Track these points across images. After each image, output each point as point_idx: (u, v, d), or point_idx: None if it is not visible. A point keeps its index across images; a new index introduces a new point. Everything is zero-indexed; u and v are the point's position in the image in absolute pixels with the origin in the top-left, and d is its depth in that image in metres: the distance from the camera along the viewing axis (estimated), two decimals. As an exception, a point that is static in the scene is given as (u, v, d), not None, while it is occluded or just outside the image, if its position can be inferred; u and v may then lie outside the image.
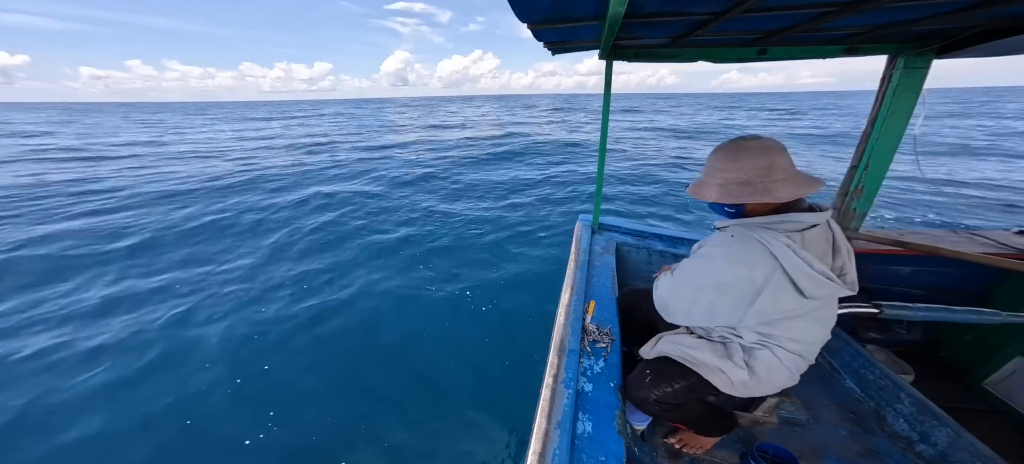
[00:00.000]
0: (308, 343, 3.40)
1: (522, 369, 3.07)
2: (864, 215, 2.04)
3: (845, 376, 1.78)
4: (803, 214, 0.98)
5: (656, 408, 1.22)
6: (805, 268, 0.93)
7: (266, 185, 9.05)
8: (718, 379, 1.14)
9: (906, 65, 1.75)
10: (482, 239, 5.67)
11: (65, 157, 13.50)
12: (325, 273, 4.66)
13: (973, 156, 11.52)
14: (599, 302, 1.68)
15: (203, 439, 2.51)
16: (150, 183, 9.23)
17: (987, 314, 1.39)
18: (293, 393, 2.85)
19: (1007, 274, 1.89)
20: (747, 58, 1.90)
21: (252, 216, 6.74)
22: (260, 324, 3.66)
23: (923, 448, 1.40)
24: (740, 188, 1.00)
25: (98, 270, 4.82)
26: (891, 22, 1.46)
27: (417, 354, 3.28)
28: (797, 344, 1.07)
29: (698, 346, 1.18)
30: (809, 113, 33.08)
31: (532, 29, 1.42)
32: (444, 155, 13.04)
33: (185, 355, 3.26)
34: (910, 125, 1.84)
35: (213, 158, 13.13)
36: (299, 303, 4.00)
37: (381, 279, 4.48)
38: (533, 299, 4.02)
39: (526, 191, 8.43)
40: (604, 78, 2.09)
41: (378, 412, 2.67)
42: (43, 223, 6.41)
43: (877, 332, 2.20)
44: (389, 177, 9.83)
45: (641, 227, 2.54)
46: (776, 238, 0.95)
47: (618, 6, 1.04)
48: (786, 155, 1.00)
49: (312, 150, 15.19)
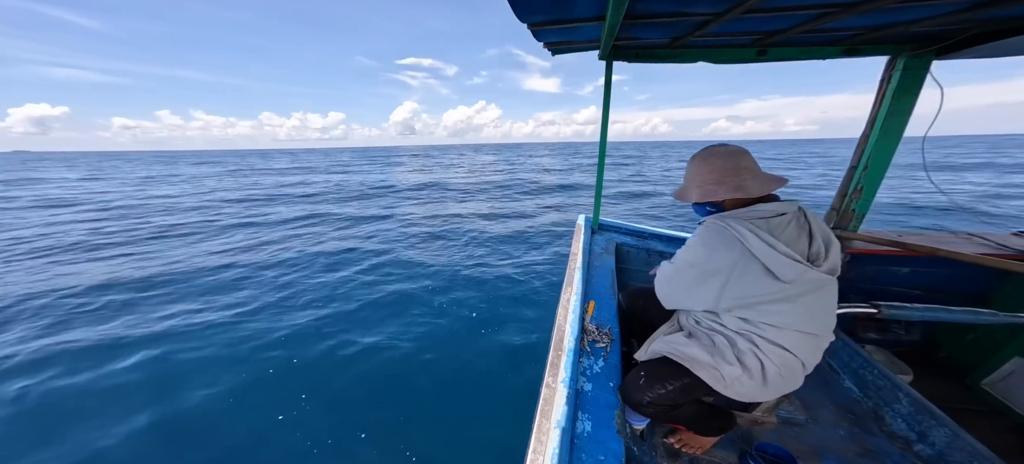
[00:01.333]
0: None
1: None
2: (863, 216, 2.05)
3: (844, 376, 1.78)
4: (770, 204, 1.09)
5: (651, 410, 1.23)
6: (768, 250, 1.03)
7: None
8: (711, 376, 1.15)
9: (905, 66, 1.75)
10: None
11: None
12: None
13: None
14: (599, 302, 1.68)
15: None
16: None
17: (985, 315, 1.40)
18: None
19: (1005, 275, 1.90)
20: (746, 59, 1.90)
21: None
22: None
23: (921, 448, 1.40)
24: (715, 187, 1.15)
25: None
26: (890, 23, 1.46)
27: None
28: (779, 332, 1.08)
29: (689, 343, 1.22)
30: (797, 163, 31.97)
31: (532, 29, 1.42)
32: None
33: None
34: (917, 137, 1.85)
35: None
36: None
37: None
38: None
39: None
40: (604, 79, 2.09)
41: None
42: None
43: (876, 332, 2.21)
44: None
45: (641, 227, 2.55)
46: (742, 224, 1.07)
47: (618, 7, 1.05)
48: (750, 157, 1.15)
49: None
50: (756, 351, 1.10)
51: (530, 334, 3.72)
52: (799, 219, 1.11)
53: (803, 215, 1.13)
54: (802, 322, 1.08)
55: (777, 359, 1.09)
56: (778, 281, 1.04)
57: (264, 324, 4.00)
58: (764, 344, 1.10)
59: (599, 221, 2.51)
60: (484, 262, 5.89)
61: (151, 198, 14.46)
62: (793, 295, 1.05)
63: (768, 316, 1.09)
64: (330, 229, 8.52)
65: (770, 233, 1.05)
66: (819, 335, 1.11)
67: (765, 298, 1.07)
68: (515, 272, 5.37)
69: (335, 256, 6.31)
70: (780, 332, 1.08)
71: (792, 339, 1.09)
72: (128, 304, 4.60)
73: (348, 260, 6.11)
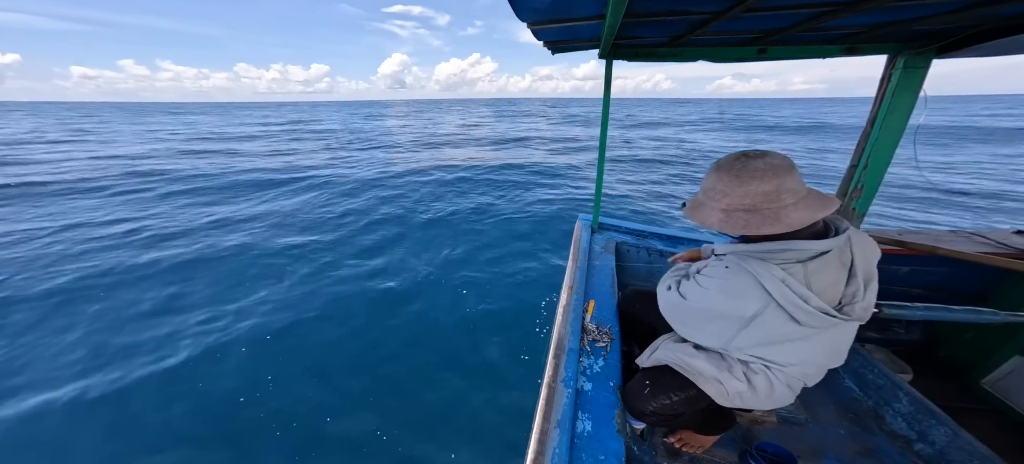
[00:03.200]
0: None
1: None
2: (863, 215, 2.04)
3: (844, 375, 1.78)
4: (809, 242, 0.89)
5: (654, 419, 1.22)
6: (800, 304, 0.89)
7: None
8: (716, 390, 1.13)
9: (906, 65, 1.75)
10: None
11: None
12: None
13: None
14: (599, 301, 1.68)
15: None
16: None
17: (985, 313, 1.39)
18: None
19: (1005, 273, 1.90)
20: (747, 58, 1.90)
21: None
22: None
23: (921, 447, 1.40)
24: (746, 217, 0.90)
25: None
26: (891, 21, 1.46)
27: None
28: (797, 368, 1.04)
29: (697, 355, 1.16)
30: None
31: (532, 28, 1.42)
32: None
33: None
34: (909, 126, 1.85)
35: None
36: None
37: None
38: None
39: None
40: (604, 78, 2.09)
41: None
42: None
43: (876, 331, 2.21)
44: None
45: (641, 227, 2.54)
46: (770, 271, 0.89)
47: (618, 6, 1.04)
48: (795, 174, 0.90)
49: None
50: (768, 374, 1.07)
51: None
52: (842, 254, 0.93)
53: (847, 245, 0.93)
54: (817, 357, 1.03)
55: (786, 380, 1.06)
56: (800, 326, 0.93)
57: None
58: (776, 369, 1.05)
59: (599, 220, 2.51)
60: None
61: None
62: (812, 335, 0.96)
63: (782, 353, 1.02)
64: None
65: (806, 281, 0.89)
66: (831, 365, 1.05)
67: (782, 339, 0.98)
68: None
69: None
70: (792, 366, 1.04)
71: (803, 371, 1.05)
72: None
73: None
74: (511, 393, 2.80)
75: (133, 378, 2.97)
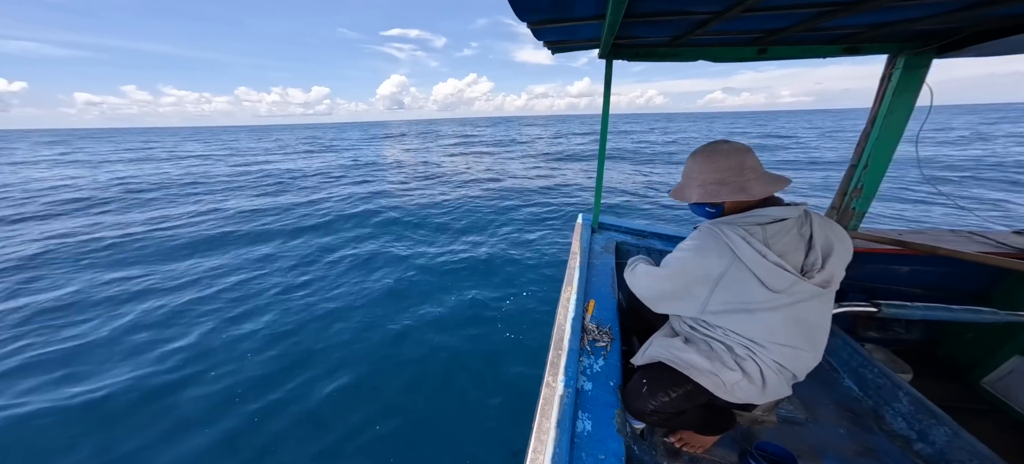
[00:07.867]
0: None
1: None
2: (863, 214, 2.05)
3: (844, 375, 1.78)
4: (770, 209, 1.04)
5: (655, 418, 1.22)
6: (759, 259, 1.00)
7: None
8: (712, 383, 1.14)
9: (906, 65, 1.75)
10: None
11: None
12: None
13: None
14: (599, 301, 1.68)
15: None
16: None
17: (985, 313, 1.40)
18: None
19: (1005, 273, 1.90)
20: (747, 57, 1.90)
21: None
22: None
23: (921, 447, 1.40)
24: (718, 187, 1.08)
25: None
26: (891, 21, 1.46)
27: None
28: (776, 348, 1.06)
29: (687, 349, 1.19)
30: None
31: (532, 28, 1.42)
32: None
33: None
34: (911, 129, 1.85)
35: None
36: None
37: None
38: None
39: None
40: (604, 78, 2.09)
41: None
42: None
43: (876, 331, 2.21)
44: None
45: (641, 226, 2.54)
46: (734, 231, 1.03)
47: (618, 5, 1.04)
48: (754, 155, 1.09)
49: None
50: (753, 357, 1.09)
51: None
52: (801, 225, 1.05)
53: (807, 221, 1.07)
54: (791, 337, 1.06)
55: (773, 365, 1.09)
56: (768, 290, 1.01)
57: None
58: (759, 350, 1.09)
59: (599, 220, 2.51)
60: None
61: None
62: (783, 305, 1.03)
63: (757, 325, 1.07)
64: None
65: (764, 241, 1.01)
66: (807, 352, 1.08)
67: (754, 305, 1.05)
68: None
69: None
70: (771, 344, 1.07)
71: (782, 352, 1.08)
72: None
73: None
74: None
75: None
